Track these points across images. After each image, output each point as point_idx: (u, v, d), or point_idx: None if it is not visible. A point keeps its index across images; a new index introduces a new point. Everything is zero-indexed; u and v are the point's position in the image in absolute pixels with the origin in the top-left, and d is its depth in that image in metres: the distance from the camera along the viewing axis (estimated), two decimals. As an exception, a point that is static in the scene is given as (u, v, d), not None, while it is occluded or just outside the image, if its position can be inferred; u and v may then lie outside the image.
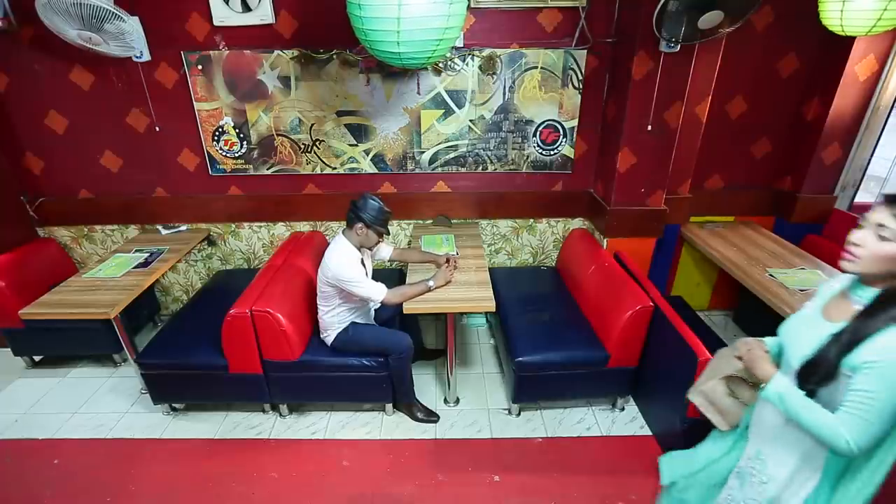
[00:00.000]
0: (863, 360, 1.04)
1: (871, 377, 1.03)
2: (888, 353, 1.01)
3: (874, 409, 1.03)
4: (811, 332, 1.19)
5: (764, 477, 1.29)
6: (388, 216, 2.30)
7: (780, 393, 1.16)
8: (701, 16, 2.14)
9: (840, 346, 1.08)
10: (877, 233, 1.06)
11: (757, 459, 1.32)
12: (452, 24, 1.81)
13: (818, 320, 1.22)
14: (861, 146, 2.91)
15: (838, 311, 1.17)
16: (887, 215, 1.05)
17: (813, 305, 1.30)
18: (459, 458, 2.35)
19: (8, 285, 2.70)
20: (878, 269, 1.08)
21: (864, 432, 1.05)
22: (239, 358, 2.39)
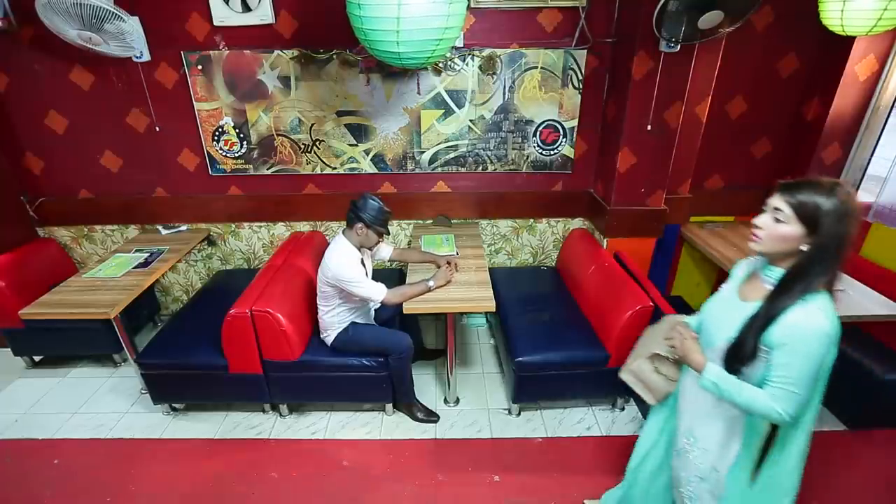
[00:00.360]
0: (777, 338, 1.16)
1: (786, 352, 1.15)
2: (797, 328, 1.13)
3: (795, 380, 1.15)
4: (730, 313, 1.28)
5: (697, 451, 1.41)
6: (388, 216, 2.30)
7: (715, 381, 1.26)
8: (701, 16, 2.14)
9: (756, 327, 1.19)
10: (773, 216, 1.19)
11: (690, 436, 1.43)
12: (452, 24, 1.80)
13: (735, 301, 1.31)
14: (861, 146, 2.90)
15: (752, 292, 1.28)
16: (781, 200, 1.17)
17: (729, 287, 1.39)
18: (459, 458, 2.35)
19: (8, 285, 2.70)
20: (778, 248, 1.20)
21: (793, 402, 1.17)
22: (239, 358, 2.39)
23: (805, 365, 1.14)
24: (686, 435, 1.45)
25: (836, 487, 2.18)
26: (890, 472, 2.25)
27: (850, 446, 2.39)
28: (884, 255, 2.62)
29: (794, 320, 1.14)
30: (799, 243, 1.17)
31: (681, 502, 1.53)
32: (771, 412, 1.18)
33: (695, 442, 1.42)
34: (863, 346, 2.45)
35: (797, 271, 1.17)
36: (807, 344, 1.13)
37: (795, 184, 1.17)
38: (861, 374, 2.37)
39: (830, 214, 1.12)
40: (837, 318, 1.16)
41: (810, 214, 1.13)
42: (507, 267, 3.39)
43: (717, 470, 1.38)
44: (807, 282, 1.15)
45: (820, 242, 1.14)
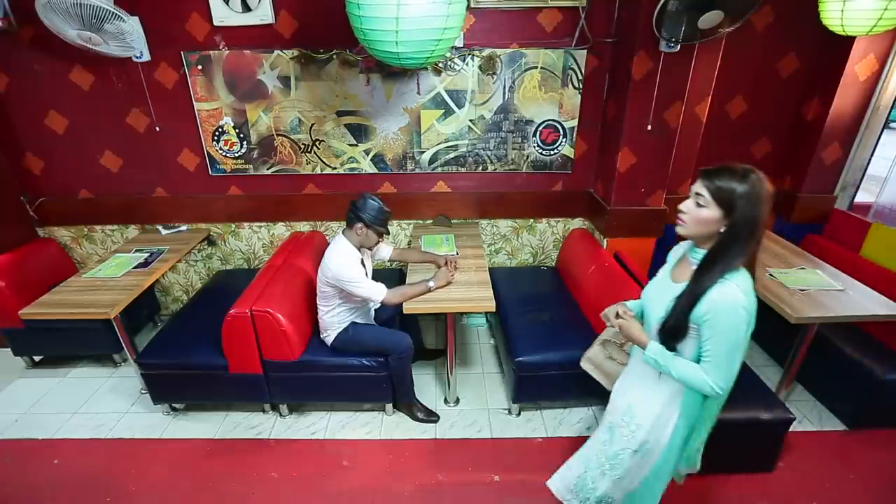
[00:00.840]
0: (701, 314, 1.25)
1: (709, 327, 1.25)
2: (716, 304, 1.22)
3: (721, 353, 1.26)
4: (663, 294, 1.37)
5: (633, 426, 1.50)
6: (388, 216, 2.29)
7: (654, 357, 1.36)
8: (701, 16, 2.14)
9: (683, 305, 1.27)
10: (696, 201, 1.26)
11: (627, 413, 1.52)
12: (451, 24, 1.81)
13: (668, 283, 1.39)
14: (861, 146, 2.90)
15: (682, 273, 1.36)
16: (702, 186, 1.25)
17: (664, 270, 1.47)
18: (459, 458, 2.35)
19: (8, 285, 2.70)
20: (701, 231, 1.28)
21: (722, 375, 1.28)
22: (239, 358, 2.39)
23: (726, 338, 1.24)
24: (622, 412, 1.54)
25: (837, 487, 2.18)
26: (890, 472, 2.25)
27: (850, 446, 2.39)
28: (884, 255, 2.62)
29: (715, 297, 1.22)
30: (718, 226, 1.25)
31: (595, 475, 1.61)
32: (704, 385, 1.29)
33: (631, 418, 1.50)
34: (863, 346, 2.45)
35: (716, 251, 1.25)
36: (727, 318, 1.22)
37: (714, 170, 1.24)
38: (861, 374, 2.37)
39: (744, 198, 1.19)
40: (754, 293, 1.25)
41: (727, 198, 1.21)
42: (507, 267, 3.39)
43: (649, 441, 1.47)
44: (725, 261, 1.23)
45: (735, 224, 1.22)
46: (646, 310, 1.47)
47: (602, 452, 1.60)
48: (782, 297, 2.25)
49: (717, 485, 2.18)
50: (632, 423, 1.50)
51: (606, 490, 1.60)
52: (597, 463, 1.62)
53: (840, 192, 3.03)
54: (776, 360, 2.97)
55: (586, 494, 1.65)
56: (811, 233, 3.05)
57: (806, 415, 2.57)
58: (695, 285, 1.26)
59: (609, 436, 1.58)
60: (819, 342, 2.45)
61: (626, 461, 1.53)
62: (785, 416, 2.10)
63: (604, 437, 1.60)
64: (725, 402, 1.42)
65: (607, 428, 1.60)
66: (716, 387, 1.28)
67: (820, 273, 2.48)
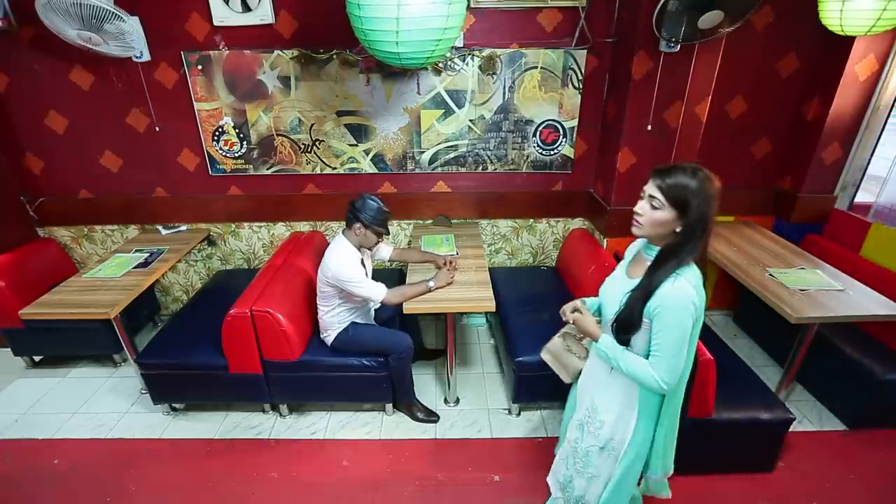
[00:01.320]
0: (652, 308, 1.27)
1: (659, 320, 1.26)
2: (667, 299, 1.24)
3: (669, 347, 1.27)
4: (618, 290, 1.39)
5: (597, 423, 1.51)
6: (387, 216, 2.29)
7: (605, 349, 1.39)
8: (701, 16, 2.14)
9: (636, 299, 1.30)
10: (650, 203, 1.28)
11: (592, 409, 1.54)
12: (451, 24, 1.81)
13: (623, 279, 1.42)
14: (861, 146, 2.90)
15: (637, 269, 1.39)
16: (654, 188, 1.26)
17: (621, 267, 1.50)
18: (459, 458, 2.35)
19: (8, 285, 2.70)
20: (657, 232, 1.30)
21: (669, 370, 1.28)
22: (239, 358, 2.39)
23: (673, 332, 1.26)
24: (587, 408, 1.56)
25: (837, 487, 2.18)
26: (890, 472, 2.25)
27: (850, 446, 2.39)
28: (884, 255, 2.62)
29: (666, 291, 1.25)
30: (674, 226, 1.27)
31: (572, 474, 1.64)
32: (650, 380, 1.30)
33: (595, 414, 1.52)
34: (863, 346, 2.45)
35: (670, 249, 1.28)
36: (676, 312, 1.24)
37: (665, 170, 1.26)
38: (861, 374, 2.37)
39: (697, 197, 1.21)
40: (703, 289, 1.28)
41: (680, 199, 1.23)
42: (507, 267, 3.39)
43: (614, 439, 1.49)
44: (679, 258, 1.26)
45: (689, 224, 1.24)
46: (603, 306, 1.50)
47: (574, 451, 1.63)
48: (782, 297, 2.25)
49: (717, 485, 2.18)
50: (596, 419, 1.53)
51: (581, 490, 1.63)
52: (572, 461, 1.65)
53: (840, 192, 3.03)
54: (776, 360, 2.97)
55: (570, 492, 1.69)
56: (811, 233, 3.04)
57: (806, 415, 2.57)
58: (648, 280, 1.29)
59: (580, 433, 1.60)
60: (819, 342, 2.45)
61: (595, 459, 1.55)
62: (785, 416, 2.10)
63: (575, 434, 1.63)
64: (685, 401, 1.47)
65: (577, 425, 1.62)
66: (661, 381, 1.29)
67: (820, 273, 2.48)
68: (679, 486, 2.17)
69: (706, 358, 1.93)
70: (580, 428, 1.60)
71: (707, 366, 1.93)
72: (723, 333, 2.94)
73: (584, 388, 1.63)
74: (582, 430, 1.59)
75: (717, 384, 1.98)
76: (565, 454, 1.72)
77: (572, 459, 1.65)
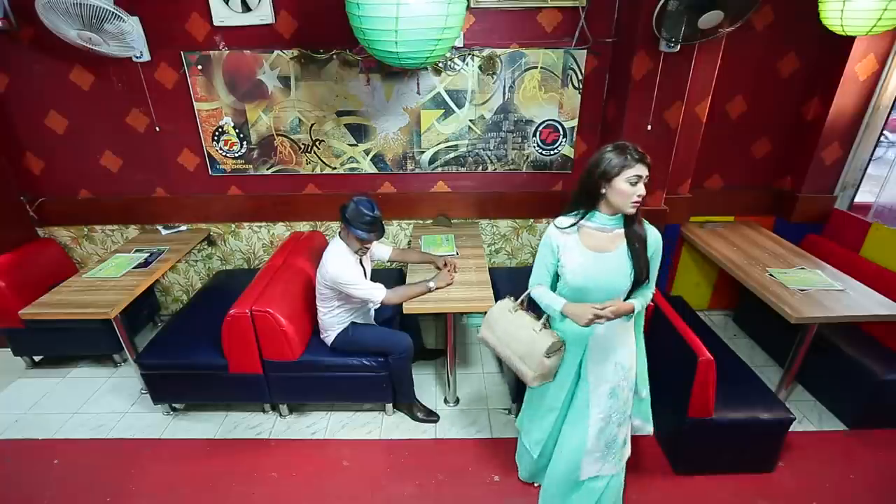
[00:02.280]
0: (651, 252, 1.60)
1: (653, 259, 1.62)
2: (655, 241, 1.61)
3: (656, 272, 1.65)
4: (608, 265, 1.58)
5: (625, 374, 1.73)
6: (371, 219, 2.16)
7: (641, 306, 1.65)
8: (701, 16, 2.14)
9: (641, 255, 1.57)
10: (643, 182, 1.53)
11: (618, 368, 1.71)
12: (451, 24, 1.81)
13: (598, 256, 1.59)
14: (861, 146, 2.90)
15: (610, 243, 1.60)
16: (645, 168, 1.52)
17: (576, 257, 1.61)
18: (459, 458, 2.35)
19: (8, 285, 2.70)
20: None
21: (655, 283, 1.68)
22: (239, 358, 2.39)
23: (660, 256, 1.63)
24: (615, 371, 1.72)
25: (837, 487, 2.17)
26: (890, 472, 2.25)
27: (850, 446, 2.39)
28: (884, 255, 2.62)
29: (653, 232, 1.62)
30: None
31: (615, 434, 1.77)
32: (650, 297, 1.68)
33: (623, 370, 1.72)
34: (863, 346, 2.45)
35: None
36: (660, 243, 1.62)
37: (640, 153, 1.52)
38: (861, 374, 2.37)
39: None
40: None
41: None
42: (507, 267, 3.39)
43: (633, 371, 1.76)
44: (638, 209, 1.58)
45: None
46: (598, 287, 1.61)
47: (615, 411, 1.75)
48: (782, 297, 2.25)
49: (717, 485, 2.18)
50: (623, 372, 1.72)
51: (624, 433, 1.82)
52: (614, 424, 1.76)
53: (840, 191, 3.03)
54: (776, 360, 2.97)
55: (615, 449, 1.81)
56: (811, 233, 3.04)
57: (806, 415, 2.57)
58: (637, 237, 1.57)
59: (615, 399, 1.74)
60: (819, 342, 2.45)
61: (629, 398, 1.77)
62: (785, 416, 2.10)
63: (609, 403, 1.74)
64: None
65: (609, 395, 1.73)
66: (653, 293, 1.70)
67: (820, 273, 2.48)
68: (679, 486, 2.17)
69: (706, 358, 1.93)
70: (612, 394, 1.73)
71: (707, 366, 1.93)
72: (723, 333, 2.94)
73: (598, 361, 1.73)
74: (615, 394, 1.73)
75: (717, 384, 1.98)
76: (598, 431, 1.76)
77: (612, 425, 1.76)
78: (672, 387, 2.14)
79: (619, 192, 1.52)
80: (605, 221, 1.59)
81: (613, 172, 1.51)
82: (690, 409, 2.03)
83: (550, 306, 1.67)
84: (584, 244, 1.60)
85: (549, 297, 1.68)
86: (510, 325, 1.77)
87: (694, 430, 2.09)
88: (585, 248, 1.60)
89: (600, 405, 1.74)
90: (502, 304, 1.84)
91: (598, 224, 1.60)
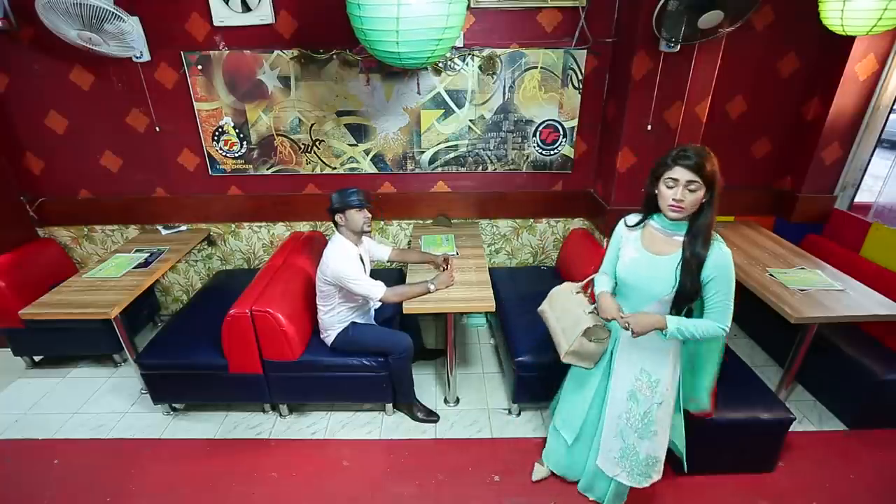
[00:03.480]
0: (709, 273, 1.49)
1: (718, 281, 1.50)
2: (722, 263, 1.49)
3: (728, 300, 1.52)
4: (655, 269, 1.57)
5: (652, 383, 1.70)
6: (356, 191, 2.28)
7: (678, 328, 1.54)
8: (701, 16, 2.14)
9: (693, 271, 1.50)
10: (688, 188, 1.44)
11: (643, 374, 1.71)
12: (452, 24, 1.81)
13: (652, 258, 1.59)
14: (861, 146, 2.90)
15: (666, 247, 1.57)
16: (691, 174, 1.42)
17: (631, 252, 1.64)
18: (459, 458, 2.35)
19: (8, 285, 2.70)
20: (692, 211, 1.49)
21: (728, 317, 1.54)
22: (239, 358, 2.39)
23: (731, 286, 1.51)
24: (637, 376, 1.72)
25: (837, 487, 2.18)
26: (890, 472, 2.25)
27: (850, 446, 2.39)
28: (884, 255, 2.62)
29: (718, 258, 1.48)
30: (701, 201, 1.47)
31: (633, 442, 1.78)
32: (718, 331, 1.54)
33: (648, 377, 1.71)
34: (863, 346, 2.45)
35: (706, 221, 1.48)
36: (729, 270, 1.50)
37: (688, 156, 1.42)
38: (861, 374, 2.37)
39: (717, 172, 1.44)
40: None
41: (710, 176, 1.43)
42: (507, 267, 3.39)
43: (669, 390, 1.71)
44: (712, 226, 1.49)
45: (714, 196, 1.46)
46: (638, 288, 1.63)
47: (632, 419, 1.75)
48: (782, 297, 2.25)
49: (717, 485, 2.18)
50: (650, 380, 1.70)
51: (649, 450, 1.77)
52: (631, 430, 1.77)
53: (840, 191, 3.03)
54: (776, 360, 2.97)
55: (632, 461, 1.80)
56: (811, 233, 3.04)
57: (806, 415, 2.57)
58: (694, 252, 1.48)
59: (634, 403, 1.74)
60: (819, 342, 2.45)
61: (655, 415, 1.72)
62: (785, 416, 2.10)
63: (627, 405, 1.76)
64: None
65: (628, 397, 1.75)
66: (727, 328, 1.54)
67: (820, 273, 2.48)
68: (679, 486, 2.18)
69: (706, 358, 1.93)
70: (632, 397, 1.74)
71: (707, 366, 1.93)
72: (723, 333, 2.93)
73: (624, 362, 1.76)
74: (635, 399, 1.73)
75: (717, 384, 1.98)
76: (616, 430, 1.81)
77: (629, 430, 1.77)
78: (672, 387, 2.14)
79: (660, 194, 1.52)
80: (665, 224, 1.58)
81: (658, 172, 1.52)
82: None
83: (597, 291, 1.75)
84: (643, 243, 1.63)
85: (602, 283, 1.76)
86: (567, 302, 1.86)
87: (694, 430, 2.09)
88: (642, 246, 1.63)
89: (616, 404, 1.79)
90: (568, 284, 1.94)
91: (659, 226, 1.61)
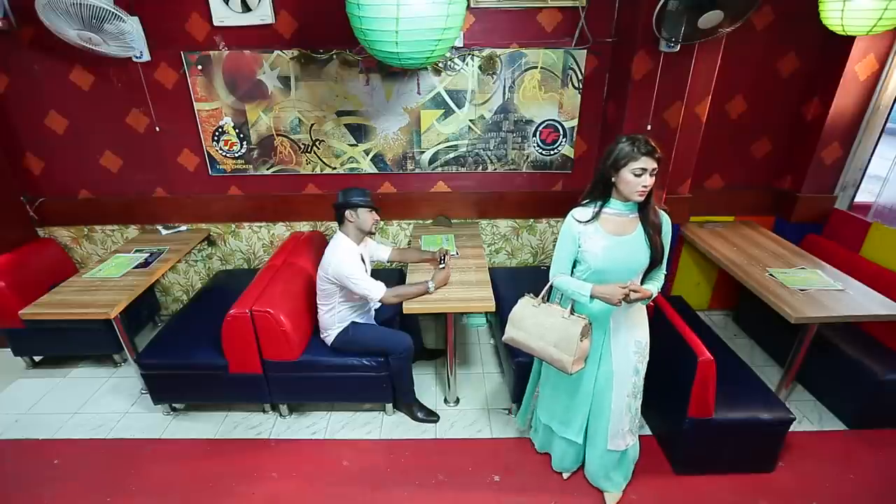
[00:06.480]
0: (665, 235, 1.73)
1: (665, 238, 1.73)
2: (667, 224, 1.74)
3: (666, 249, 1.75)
4: (628, 248, 1.71)
5: (643, 348, 1.87)
6: (362, 190, 2.33)
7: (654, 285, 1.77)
8: (701, 15, 2.14)
9: (658, 237, 1.71)
10: (650, 174, 1.61)
11: (636, 345, 1.85)
12: (451, 24, 1.81)
13: (619, 240, 1.71)
14: (861, 146, 2.90)
15: (629, 226, 1.72)
16: (653, 161, 1.60)
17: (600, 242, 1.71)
18: (459, 458, 2.35)
19: (8, 285, 2.70)
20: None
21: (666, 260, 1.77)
22: (239, 358, 2.39)
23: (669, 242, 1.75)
24: (633, 348, 1.85)
25: (837, 487, 2.17)
26: (890, 472, 2.25)
27: (850, 446, 2.39)
28: (884, 255, 2.62)
29: (665, 219, 1.74)
30: None
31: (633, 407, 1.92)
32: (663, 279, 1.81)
33: (639, 345, 1.86)
34: (863, 346, 2.45)
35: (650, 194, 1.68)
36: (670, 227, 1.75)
37: (651, 146, 1.60)
38: (861, 374, 2.37)
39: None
40: None
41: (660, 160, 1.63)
42: (507, 267, 3.39)
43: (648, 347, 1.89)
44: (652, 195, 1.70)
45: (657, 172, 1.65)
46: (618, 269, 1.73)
47: (636, 388, 1.90)
48: (782, 297, 2.25)
49: (717, 485, 2.18)
50: (641, 347, 1.86)
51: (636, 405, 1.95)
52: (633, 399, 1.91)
53: (840, 191, 3.03)
54: (776, 360, 2.97)
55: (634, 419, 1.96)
56: (811, 233, 3.04)
57: (806, 415, 2.57)
58: (652, 221, 1.69)
59: (636, 375, 1.88)
60: (819, 342, 2.45)
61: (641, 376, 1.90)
62: (785, 416, 2.10)
63: (633, 380, 1.87)
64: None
65: (633, 373, 1.87)
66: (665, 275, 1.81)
67: (820, 273, 2.48)
68: (679, 486, 2.18)
69: (706, 358, 1.93)
70: (635, 372, 1.87)
71: (707, 366, 1.93)
72: (723, 333, 2.94)
73: (623, 341, 1.85)
74: (636, 371, 1.87)
75: (717, 384, 1.98)
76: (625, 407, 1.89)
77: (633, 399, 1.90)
78: (672, 387, 2.14)
79: (624, 181, 1.63)
80: (621, 207, 1.71)
81: (621, 163, 1.62)
82: (690, 408, 2.03)
83: (577, 292, 1.75)
84: (605, 229, 1.72)
85: (575, 283, 1.77)
86: (538, 317, 1.82)
87: (694, 429, 2.09)
88: (606, 232, 1.71)
89: (623, 385, 1.87)
90: (524, 301, 1.88)
91: (616, 210, 1.72)
